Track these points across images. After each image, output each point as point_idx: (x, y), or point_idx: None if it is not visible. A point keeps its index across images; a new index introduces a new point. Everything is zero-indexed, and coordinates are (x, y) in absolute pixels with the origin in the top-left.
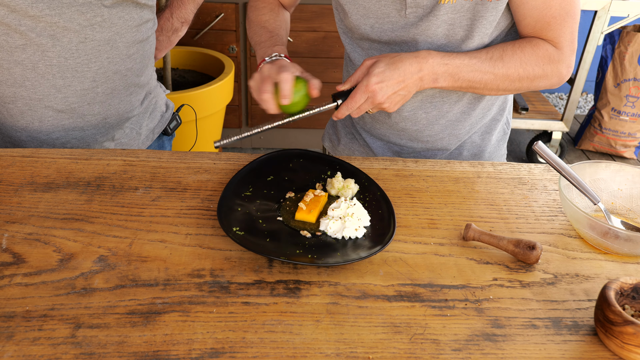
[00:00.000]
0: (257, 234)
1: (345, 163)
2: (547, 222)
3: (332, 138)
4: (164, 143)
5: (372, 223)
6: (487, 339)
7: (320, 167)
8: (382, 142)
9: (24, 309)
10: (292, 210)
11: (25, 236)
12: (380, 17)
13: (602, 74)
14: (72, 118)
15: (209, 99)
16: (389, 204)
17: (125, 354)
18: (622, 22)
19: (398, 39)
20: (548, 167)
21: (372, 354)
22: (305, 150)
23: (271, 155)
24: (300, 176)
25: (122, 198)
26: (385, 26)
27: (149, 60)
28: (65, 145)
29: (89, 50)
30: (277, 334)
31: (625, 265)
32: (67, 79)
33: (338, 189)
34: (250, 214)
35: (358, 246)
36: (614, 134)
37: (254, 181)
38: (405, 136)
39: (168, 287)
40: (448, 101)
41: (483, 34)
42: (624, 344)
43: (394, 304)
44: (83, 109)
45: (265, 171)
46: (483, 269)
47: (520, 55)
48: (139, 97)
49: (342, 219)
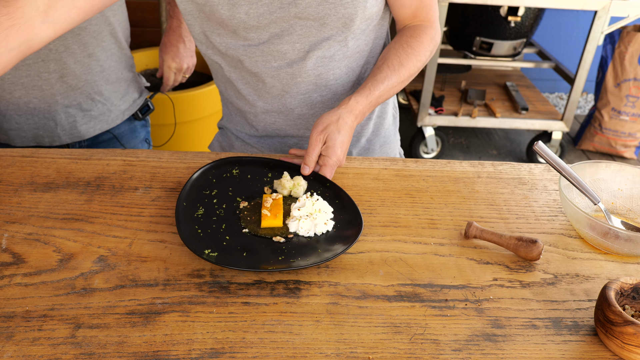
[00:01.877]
0: (231, 251)
1: (281, 161)
2: (547, 222)
3: (224, 145)
4: (136, 128)
5: (335, 214)
6: (487, 339)
7: (259, 170)
8: (278, 139)
9: (23, 309)
10: (254, 220)
11: (25, 236)
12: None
13: (602, 74)
14: (29, 76)
15: (209, 99)
16: (343, 192)
17: (125, 354)
18: (622, 22)
19: (279, 20)
20: (548, 167)
21: (372, 354)
22: (237, 156)
23: (204, 169)
24: (243, 183)
25: (122, 198)
26: (260, 9)
27: (108, 27)
28: (28, 105)
29: None
30: (277, 334)
31: (625, 265)
32: None
33: (290, 189)
34: (213, 234)
35: (334, 239)
36: (614, 134)
37: (200, 199)
38: (302, 125)
39: (168, 287)
40: (340, 82)
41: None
42: (624, 344)
43: (394, 304)
44: (38, 66)
45: (206, 186)
46: (483, 269)
47: (412, 52)
48: (100, 63)
49: (310, 217)
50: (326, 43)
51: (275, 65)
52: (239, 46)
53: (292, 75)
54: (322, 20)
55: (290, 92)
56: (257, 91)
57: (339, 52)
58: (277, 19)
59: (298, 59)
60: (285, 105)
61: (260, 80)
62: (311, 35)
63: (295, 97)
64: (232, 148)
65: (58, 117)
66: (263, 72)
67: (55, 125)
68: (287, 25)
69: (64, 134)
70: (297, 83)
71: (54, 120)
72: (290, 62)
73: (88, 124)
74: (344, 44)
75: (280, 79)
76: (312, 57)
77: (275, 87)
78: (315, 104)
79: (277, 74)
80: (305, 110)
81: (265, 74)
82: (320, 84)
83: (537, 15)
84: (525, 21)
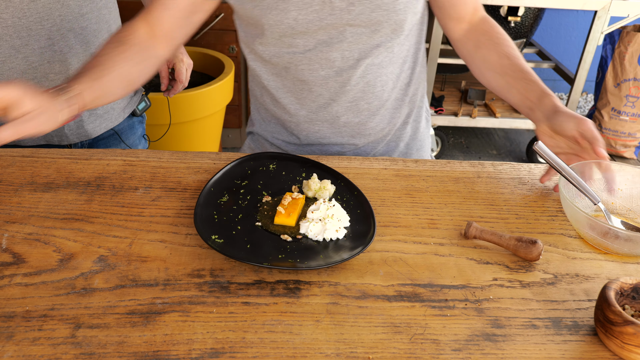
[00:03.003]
0: (237, 241)
1: (320, 164)
2: (547, 222)
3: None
4: (134, 124)
5: (351, 223)
6: (487, 339)
7: (295, 169)
8: (319, 147)
9: (24, 309)
10: (271, 215)
11: (25, 236)
12: (302, 7)
13: (602, 74)
14: (36, 78)
15: (209, 99)
16: (367, 203)
17: (125, 354)
18: (622, 22)
19: (329, 27)
20: (548, 167)
21: (372, 354)
22: (278, 152)
23: (243, 159)
24: (275, 179)
25: (122, 198)
26: (310, 16)
27: (109, 26)
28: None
29: (40, 8)
30: (277, 334)
31: (625, 265)
32: (23, 39)
33: (315, 191)
34: (227, 221)
35: (340, 247)
36: (614, 134)
37: (229, 187)
38: (347, 132)
39: (168, 287)
40: (386, 89)
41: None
42: (624, 344)
43: (394, 304)
44: (44, 68)
45: (239, 176)
46: (483, 269)
47: (509, 42)
48: None
49: (322, 221)
50: (376, 50)
51: (323, 73)
52: (283, 53)
53: (342, 83)
54: (374, 27)
55: (338, 100)
56: (301, 100)
57: (386, 59)
58: (326, 26)
59: (347, 67)
60: (331, 113)
61: (307, 88)
62: (361, 42)
63: (342, 105)
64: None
65: None
66: (310, 81)
67: (63, 126)
68: (336, 32)
69: (71, 134)
70: (345, 91)
71: None
72: (339, 70)
73: (94, 122)
74: (390, 50)
75: (328, 88)
76: (361, 65)
77: (322, 95)
78: (362, 112)
79: (325, 82)
80: (352, 118)
81: (313, 83)
82: (368, 91)
83: (537, 16)
84: (525, 21)
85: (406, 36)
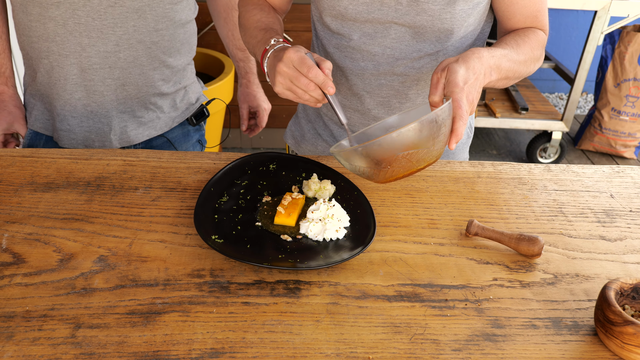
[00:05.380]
0: (237, 241)
1: (320, 164)
2: (547, 222)
3: (296, 135)
4: (189, 132)
5: (351, 223)
6: (487, 339)
7: (295, 169)
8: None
9: (24, 309)
10: (271, 215)
11: (25, 236)
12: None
13: (602, 74)
14: (93, 80)
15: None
16: (367, 203)
17: (125, 354)
18: (622, 22)
19: (375, 21)
20: (548, 167)
21: (372, 354)
22: (278, 152)
23: (243, 159)
24: (275, 179)
25: (122, 198)
26: (359, 7)
27: (182, 46)
28: (86, 108)
29: (117, 14)
30: (277, 334)
31: (625, 265)
32: (92, 39)
33: (315, 191)
34: (228, 221)
35: (340, 247)
36: (614, 134)
37: (229, 187)
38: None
39: (168, 287)
40: (421, 94)
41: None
42: (624, 344)
43: (394, 304)
44: (104, 72)
45: (239, 176)
46: (483, 269)
47: (528, 42)
48: (163, 76)
49: (322, 221)
50: (417, 53)
51: (363, 65)
52: (331, 37)
53: (378, 78)
54: (417, 30)
55: (372, 93)
56: (338, 86)
57: (427, 65)
58: (373, 19)
59: (386, 63)
60: (363, 104)
61: (344, 75)
62: (404, 42)
63: (374, 99)
64: (302, 139)
65: (113, 122)
66: (348, 69)
67: (109, 130)
68: (382, 27)
69: (115, 139)
70: (380, 86)
71: (109, 125)
72: (377, 64)
73: (137, 129)
74: (434, 57)
75: (363, 79)
76: (400, 65)
77: (357, 85)
78: (393, 109)
79: (362, 74)
80: (383, 113)
81: (350, 72)
82: (402, 91)
83: None
84: None
85: (456, 48)
